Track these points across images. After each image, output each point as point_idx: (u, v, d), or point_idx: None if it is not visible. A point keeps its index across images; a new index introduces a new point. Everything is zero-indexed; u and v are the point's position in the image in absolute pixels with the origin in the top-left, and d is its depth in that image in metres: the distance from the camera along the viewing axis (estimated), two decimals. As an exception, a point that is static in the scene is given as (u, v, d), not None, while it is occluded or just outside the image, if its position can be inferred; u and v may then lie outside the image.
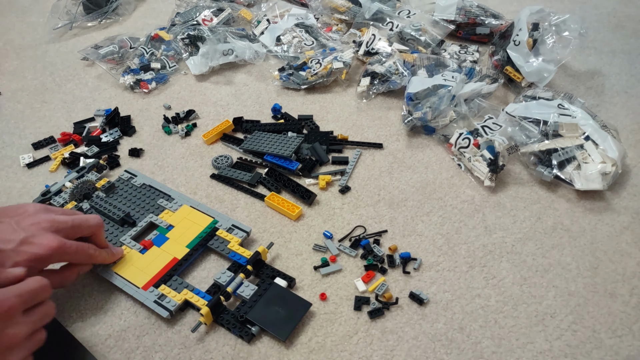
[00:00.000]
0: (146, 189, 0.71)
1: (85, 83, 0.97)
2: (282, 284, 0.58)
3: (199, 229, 0.65)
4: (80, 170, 0.73)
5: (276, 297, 0.57)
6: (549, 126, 0.74)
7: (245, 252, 0.62)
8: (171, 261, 0.61)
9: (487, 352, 0.53)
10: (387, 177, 0.75)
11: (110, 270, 0.60)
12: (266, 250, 0.62)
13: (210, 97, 0.92)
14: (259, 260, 0.61)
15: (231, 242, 0.63)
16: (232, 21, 1.11)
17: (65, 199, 0.68)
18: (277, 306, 0.56)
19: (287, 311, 0.56)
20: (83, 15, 1.16)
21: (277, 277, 0.59)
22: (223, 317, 0.56)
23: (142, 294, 0.58)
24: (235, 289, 0.58)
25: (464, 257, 0.63)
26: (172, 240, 0.64)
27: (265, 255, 0.62)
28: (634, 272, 0.61)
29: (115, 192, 0.71)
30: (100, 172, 0.74)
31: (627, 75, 0.94)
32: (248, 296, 0.57)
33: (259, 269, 0.61)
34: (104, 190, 0.70)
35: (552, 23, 0.88)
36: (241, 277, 0.59)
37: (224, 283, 0.58)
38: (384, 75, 0.88)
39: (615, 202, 0.70)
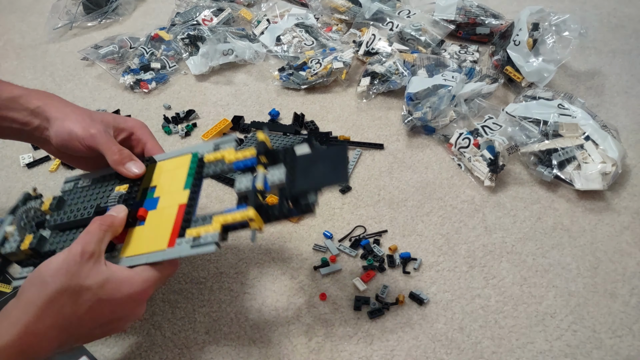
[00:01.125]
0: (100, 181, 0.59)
1: (85, 83, 0.97)
2: (304, 151, 0.52)
3: (185, 169, 0.56)
4: (14, 211, 0.59)
5: (308, 160, 0.51)
6: (549, 126, 0.74)
7: (247, 152, 0.53)
8: (180, 208, 0.52)
9: (487, 352, 0.53)
10: (387, 177, 0.75)
11: (120, 258, 0.51)
12: (267, 136, 0.54)
13: (210, 97, 0.92)
14: (267, 149, 0.53)
15: (226, 156, 0.55)
16: (232, 21, 1.10)
17: (17, 240, 0.55)
18: (315, 167, 0.50)
19: (328, 163, 0.49)
20: (83, 15, 1.16)
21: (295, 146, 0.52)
22: (271, 213, 0.49)
23: (172, 251, 0.49)
24: (265, 184, 0.50)
25: (464, 257, 0.63)
26: (164, 196, 0.54)
27: (268, 142, 0.54)
28: (634, 272, 0.61)
29: (67, 203, 0.58)
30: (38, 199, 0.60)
31: (627, 75, 0.94)
32: (282, 180, 0.50)
33: (272, 157, 0.53)
34: (54, 208, 0.58)
35: (552, 23, 0.88)
36: (262, 171, 0.51)
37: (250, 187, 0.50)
38: (384, 75, 0.88)
39: (615, 202, 0.70)
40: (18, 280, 0.55)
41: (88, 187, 0.60)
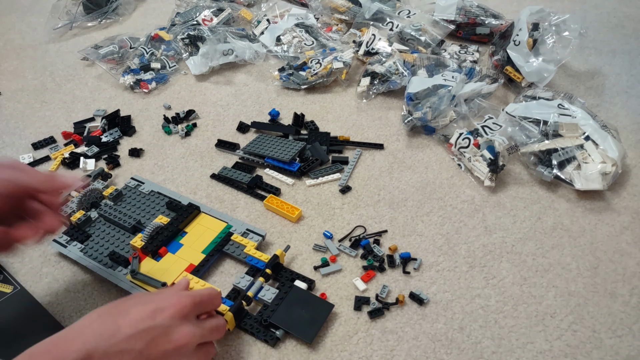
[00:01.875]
0: (155, 196, 0.70)
1: (85, 83, 0.97)
2: (302, 287, 0.58)
3: (213, 234, 0.64)
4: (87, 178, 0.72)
5: (298, 299, 0.57)
6: (549, 126, 0.74)
7: (263, 256, 0.61)
8: (188, 267, 0.60)
9: (487, 352, 0.53)
10: (387, 177, 0.75)
11: (126, 280, 0.59)
12: (284, 254, 0.61)
13: (210, 97, 0.92)
14: (278, 263, 0.60)
15: (247, 247, 0.62)
16: (232, 21, 1.11)
17: (73, 209, 0.67)
18: (299, 309, 0.56)
19: (311, 313, 0.55)
20: (83, 15, 1.16)
21: (297, 279, 0.59)
22: (246, 322, 0.55)
23: None
24: (255, 293, 0.57)
25: (464, 257, 0.63)
26: (186, 247, 0.63)
27: (282, 258, 0.61)
28: (634, 272, 0.61)
29: (123, 199, 0.70)
30: (105, 180, 0.74)
31: (627, 75, 0.94)
32: (270, 300, 0.56)
33: (278, 272, 0.60)
34: (112, 199, 0.69)
35: (552, 23, 0.88)
36: (261, 281, 0.58)
37: (244, 288, 0.58)
38: (384, 75, 0.88)
39: (615, 202, 0.70)
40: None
41: (145, 195, 0.71)
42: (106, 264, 0.61)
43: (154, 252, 0.62)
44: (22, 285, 0.61)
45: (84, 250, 0.63)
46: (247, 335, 0.55)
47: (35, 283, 0.61)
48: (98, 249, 0.63)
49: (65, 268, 0.63)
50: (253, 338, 0.55)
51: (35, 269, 0.63)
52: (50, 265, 0.63)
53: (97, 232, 0.65)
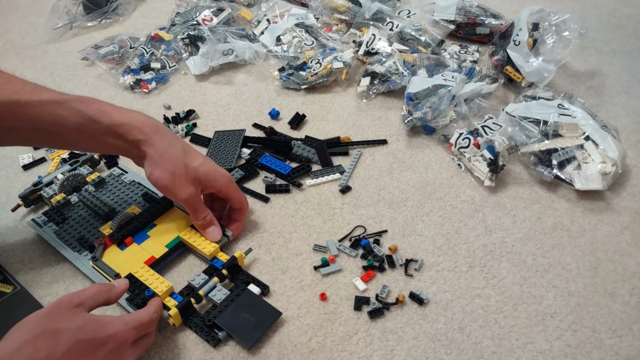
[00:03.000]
0: (134, 186, 0.71)
1: (85, 83, 0.97)
2: (255, 291, 0.58)
3: (181, 229, 0.65)
4: (73, 164, 0.74)
5: (247, 303, 0.56)
6: (549, 126, 0.74)
7: (223, 256, 0.62)
8: (148, 259, 0.61)
9: (487, 352, 0.53)
10: (387, 177, 0.75)
11: (88, 265, 0.61)
12: (243, 256, 0.61)
13: (210, 97, 0.92)
14: (235, 265, 0.60)
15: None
16: (232, 21, 1.11)
17: (55, 190, 0.69)
18: (246, 313, 0.55)
19: (256, 318, 0.55)
20: (83, 15, 1.16)
21: (252, 283, 0.59)
22: (192, 320, 0.56)
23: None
24: (207, 293, 0.57)
25: (464, 257, 0.63)
26: (152, 239, 0.64)
27: (242, 261, 0.61)
28: (634, 272, 0.61)
29: (104, 187, 0.71)
30: (94, 167, 0.75)
31: (627, 75, 0.94)
32: (219, 300, 0.56)
33: (234, 274, 0.60)
34: (94, 185, 0.70)
35: (552, 23, 0.88)
36: (215, 280, 0.58)
37: (198, 285, 0.58)
38: (384, 75, 0.88)
39: (615, 202, 0.70)
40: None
41: (125, 184, 0.71)
42: (75, 247, 0.63)
43: (119, 241, 0.63)
44: (22, 285, 0.61)
45: (57, 232, 0.65)
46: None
47: (35, 283, 0.61)
48: (71, 232, 0.65)
49: (65, 268, 0.63)
50: None
51: (35, 269, 0.63)
52: (50, 265, 0.63)
53: (74, 215, 0.67)
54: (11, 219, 0.70)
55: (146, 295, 0.56)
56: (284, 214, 0.69)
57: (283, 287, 0.60)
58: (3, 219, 0.70)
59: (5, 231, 0.68)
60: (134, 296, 0.56)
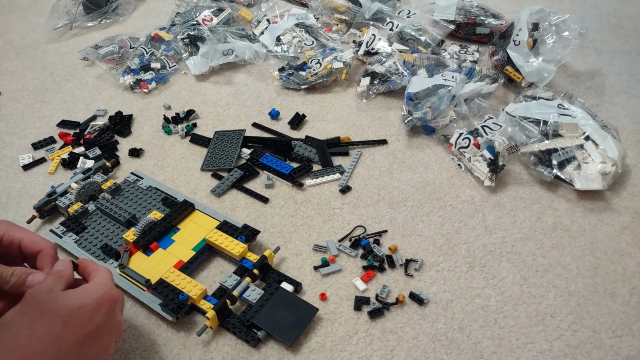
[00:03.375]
0: (152, 191, 0.71)
1: (85, 83, 0.97)
2: (288, 289, 0.58)
3: (205, 231, 0.64)
4: (86, 172, 0.73)
5: (282, 301, 0.56)
6: (549, 126, 0.74)
7: (252, 256, 0.61)
8: (177, 264, 0.61)
9: (487, 352, 0.53)
10: (387, 177, 0.75)
11: (115, 272, 0.60)
12: (272, 255, 0.61)
13: (210, 97, 0.92)
14: (266, 264, 0.60)
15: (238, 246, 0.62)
16: (232, 21, 1.11)
17: (71, 200, 0.68)
18: (283, 311, 0.55)
19: (294, 316, 0.55)
20: (83, 15, 1.16)
21: (284, 281, 0.59)
22: (229, 321, 0.55)
23: (147, 297, 0.57)
24: (241, 293, 0.57)
25: (464, 257, 0.63)
26: (177, 243, 0.63)
27: (271, 260, 0.61)
28: (634, 272, 0.61)
29: (121, 194, 0.71)
30: (106, 174, 0.74)
31: (627, 75, 0.94)
32: (254, 300, 0.56)
33: (265, 273, 0.60)
34: (110, 192, 0.70)
35: (552, 23, 0.88)
36: (247, 281, 0.58)
37: (230, 287, 0.58)
38: (384, 75, 0.88)
39: (615, 202, 0.70)
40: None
41: (142, 190, 0.71)
42: (98, 255, 0.62)
43: (145, 247, 0.62)
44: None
45: (78, 241, 0.64)
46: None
47: (35, 283, 0.61)
48: (92, 240, 0.64)
49: (65, 268, 0.63)
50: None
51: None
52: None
53: (93, 224, 0.67)
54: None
55: (180, 299, 0.55)
56: (284, 214, 0.69)
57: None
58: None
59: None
60: (168, 301, 0.56)
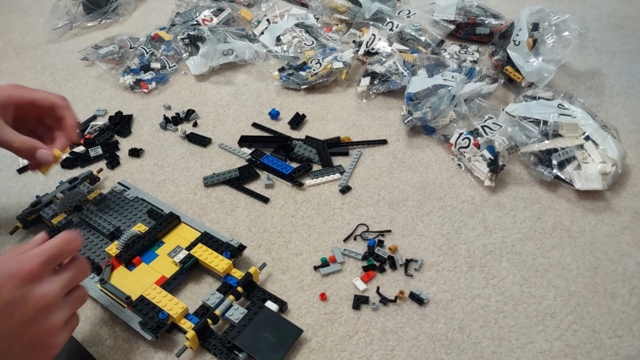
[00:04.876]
0: (138, 202, 0.69)
1: (85, 83, 0.97)
2: (273, 308, 0.56)
3: (190, 245, 0.62)
4: (72, 181, 0.71)
5: (266, 321, 0.54)
6: (549, 126, 0.74)
7: (237, 273, 0.59)
8: (159, 280, 0.59)
9: (487, 352, 0.53)
10: (387, 177, 0.75)
11: (96, 288, 0.58)
12: (258, 271, 0.59)
13: (210, 97, 0.92)
14: (250, 281, 0.58)
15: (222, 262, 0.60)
16: (232, 21, 1.11)
17: (55, 210, 0.66)
18: (266, 332, 0.53)
19: (277, 337, 0.53)
20: (83, 15, 1.16)
21: (268, 300, 0.57)
22: (209, 342, 0.53)
23: (127, 314, 0.56)
24: (223, 312, 0.55)
25: (464, 257, 0.63)
26: (161, 257, 0.61)
27: (257, 277, 0.59)
28: (634, 272, 0.61)
29: (107, 205, 0.69)
30: (92, 184, 0.72)
31: (627, 75, 0.94)
32: (237, 320, 0.54)
33: (250, 291, 0.58)
34: (95, 203, 0.68)
35: (552, 23, 0.88)
36: (230, 299, 0.56)
37: (213, 305, 0.55)
38: (384, 75, 0.88)
39: (615, 202, 0.70)
40: None
41: (128, 201, 0.69)
42: None
43: (127, 261, 0.60)
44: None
45: None
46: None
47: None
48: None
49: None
50: None
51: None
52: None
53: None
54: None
55: (160, 318, 0.54)
56: (284, 214, 0.69)
57: (283, 287, 0.60)
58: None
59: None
60: (148, 319, 0.54)
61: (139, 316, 0.55)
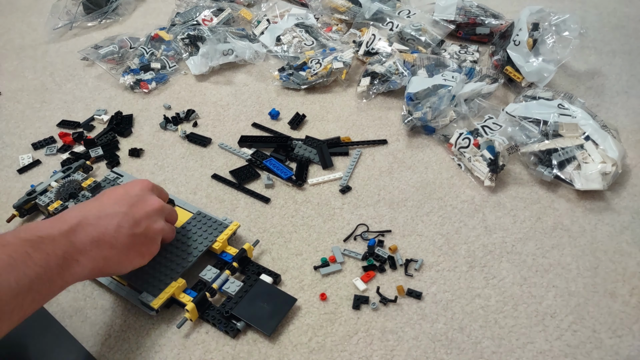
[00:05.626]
0: None
1: (85, 83, 0.97)
2: (267, 280, 0.59)
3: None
4: (66, 170, 0.73)
5: (261, 293, 0.57)
6: (549, 126, 0.74)
7: (232, 250, 0.62)
8: None
9: (487, 352, 0.53)
10: (387, 177, 0.75)
11: None
12: (252, 247, 0.62)
13: (210, 97, 0.92)
14: (245, 257, 0.61)
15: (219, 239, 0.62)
16: (232, 21, 1.11)
17: (51, 198, 0.68)
18: (262, 302, 0.56)
19: (273, 306, 0.56)
20: (83, 15, 1.16)
21: (263, 273, 0.60)
22: (208, 313, 0.56)
23: (127, 291, 0.58)
24: (220, 286, 0.58)
25: (464, 257, 0.63)
26: None
27: (251, 253, 0.62)
28: (634, 272, 0.61)
29: (101, 191, 0.70)
30: (86, 173, 0.74)
31: (627, 75, 0.94)
32: (234, 292, 0.57)
33: (245, 266, 0.61)
34: (90, 190, 0.69)
35: (552, 23, 0.88)
36: (227, 273, 0.59)
37: (210, 280, 0.58)
38: (384, 75, 0.88)
39: (615, 202, 0.70)
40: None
41: None
42: None
43: None
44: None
45: None
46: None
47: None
48: None
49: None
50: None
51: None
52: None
53: None
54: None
55: None
56: (284, 214, 0.69)
57: (283, 287, 0.60)
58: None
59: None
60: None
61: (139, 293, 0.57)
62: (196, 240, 0.62)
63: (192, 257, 0.60)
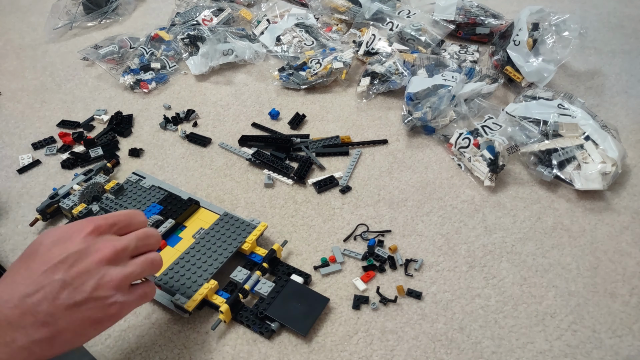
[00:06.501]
0: (155, 190, 0.70)
1: (85, 83, 0.97)
2: (298, 281, 0.59)
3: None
4: (87, 173, 0.73)
5: (294, 293, 0.57)
6: (549, 126, 0.74)
7: (260, 250, 0.62)
8: None
9: (487, 352, 0.53)
10: (387, 177, 0.75)
11: None
12: (281, 248, 0.62)
13: (210, 97, 0.92)
14: (275, 257, 0.61)
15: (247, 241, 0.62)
16: (232, 21, 1.11)
17: (75, 202, 0.68)
18: (295, 302, 0.56)
19: (306, 306, 0.56)
20: (83, 15, 1.16)
21: (293, 274, 0.60)
22: (242, 314, 0.56)
23: (160, 295, 0.58)
24: (252, 287, 0.58)
25: (464, 257, 0.63)
26: (185, 240, 0.63)
27: (280, 253, 0.62)
28: (634, 272, 0.61)
29: (124, 194, 0.70)
30: (107, 175, 0.74)
31: (627, 75, 0.94)
32: (266, 293, 0.57)
33: (275, 267, 0.61)
34: (113, 193, 0.69)
35: (552, 23, 0.88)
36: (257, 274, 0.59)
37: (241, 281, 0.58)
38: (384, 75, 0.88)
39: (615, 202, 0.70)
40: None
41: (145, 189, 0.71)
42: None
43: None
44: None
45: None
46: (244, 338, 0.55)
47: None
48: None
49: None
50: (250, 332, 0.55)
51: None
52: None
53: None
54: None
55: None
56: (284, 214, 0.69)
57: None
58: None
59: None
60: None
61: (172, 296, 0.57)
62: (225, 242, 0.62)
63: (222, 258, 0.60)
